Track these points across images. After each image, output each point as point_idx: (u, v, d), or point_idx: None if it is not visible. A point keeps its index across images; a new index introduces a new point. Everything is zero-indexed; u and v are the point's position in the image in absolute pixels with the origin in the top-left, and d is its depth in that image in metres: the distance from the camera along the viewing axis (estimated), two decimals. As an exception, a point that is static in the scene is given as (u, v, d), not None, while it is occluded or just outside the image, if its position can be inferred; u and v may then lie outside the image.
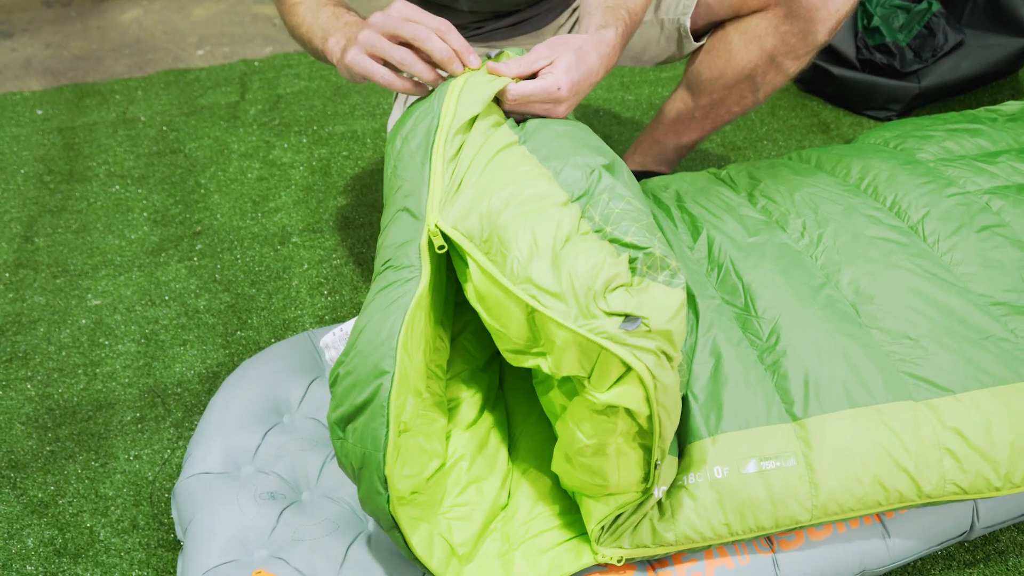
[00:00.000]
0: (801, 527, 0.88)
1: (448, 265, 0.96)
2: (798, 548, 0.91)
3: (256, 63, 2.21)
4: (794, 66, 1.25)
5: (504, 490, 0.97)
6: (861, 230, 1.10)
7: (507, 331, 0.80)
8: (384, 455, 0.78)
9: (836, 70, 1.86)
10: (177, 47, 2.34)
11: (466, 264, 0.82)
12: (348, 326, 1.13)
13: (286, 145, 1.87)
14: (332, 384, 0.83)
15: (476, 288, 0.81)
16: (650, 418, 0.78)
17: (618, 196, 0.82)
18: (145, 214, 1.68)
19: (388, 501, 0.79)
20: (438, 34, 0.91)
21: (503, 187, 0.82)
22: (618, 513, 0.85)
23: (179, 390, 1.30)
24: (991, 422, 0.90)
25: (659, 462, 0.81)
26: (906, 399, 0.91)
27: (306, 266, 1.53)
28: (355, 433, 0.80)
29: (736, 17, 1.25)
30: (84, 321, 1.43)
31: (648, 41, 1.33)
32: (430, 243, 0.82)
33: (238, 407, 1.09)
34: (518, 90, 0.92)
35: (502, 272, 0.78)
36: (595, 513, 0.86)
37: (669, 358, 0.77)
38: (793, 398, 0.92)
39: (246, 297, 1.46)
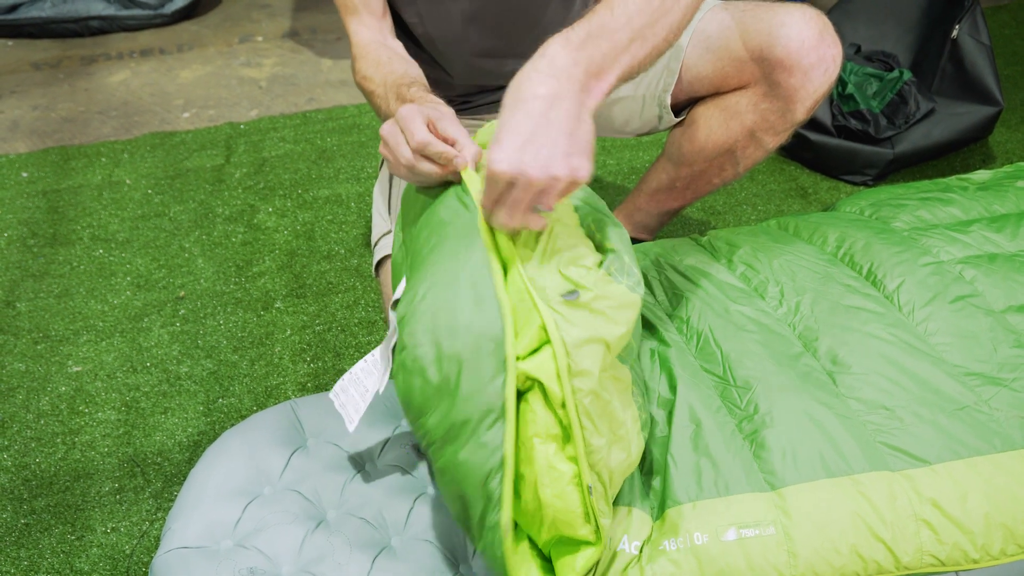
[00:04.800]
0: (780, 598, 0.88)
1: None
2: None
3: (242, 126, 2.24)
4: (773, 142, 1.26)
5: None
6: (838, 299, 1.11)
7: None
8: (504, 331, 0.74)
9: (813, 136, 1.90)
10: (164, 110, 2.36)
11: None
12: (357, 367, 1.07)
13: (271, 209, 1.88)
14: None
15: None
16: (564, 406, 0.75)
17: (619, 228, 0.88)
18: (128, 278, 1.68)
19: (504, 384, 0.74)
20: (421, 151, 0.89)
21: None
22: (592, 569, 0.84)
23: (159, 459, 1.29)
24: (967, 493, 0.91)
25: (591, 486, 0.78)
26: (883, 469, 0.92)
27: (289, 332, 1.53)
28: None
29: (716, 94, 1.28)
30: (64, 388, 1.43)
31: (629, 115, 1.35)
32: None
33: (218, 479, 1.08)
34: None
35: None
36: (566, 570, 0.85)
37: (608, 346, 0.77)
38: (771, 467, 0.92)
39: (228, 364, 1.46)
